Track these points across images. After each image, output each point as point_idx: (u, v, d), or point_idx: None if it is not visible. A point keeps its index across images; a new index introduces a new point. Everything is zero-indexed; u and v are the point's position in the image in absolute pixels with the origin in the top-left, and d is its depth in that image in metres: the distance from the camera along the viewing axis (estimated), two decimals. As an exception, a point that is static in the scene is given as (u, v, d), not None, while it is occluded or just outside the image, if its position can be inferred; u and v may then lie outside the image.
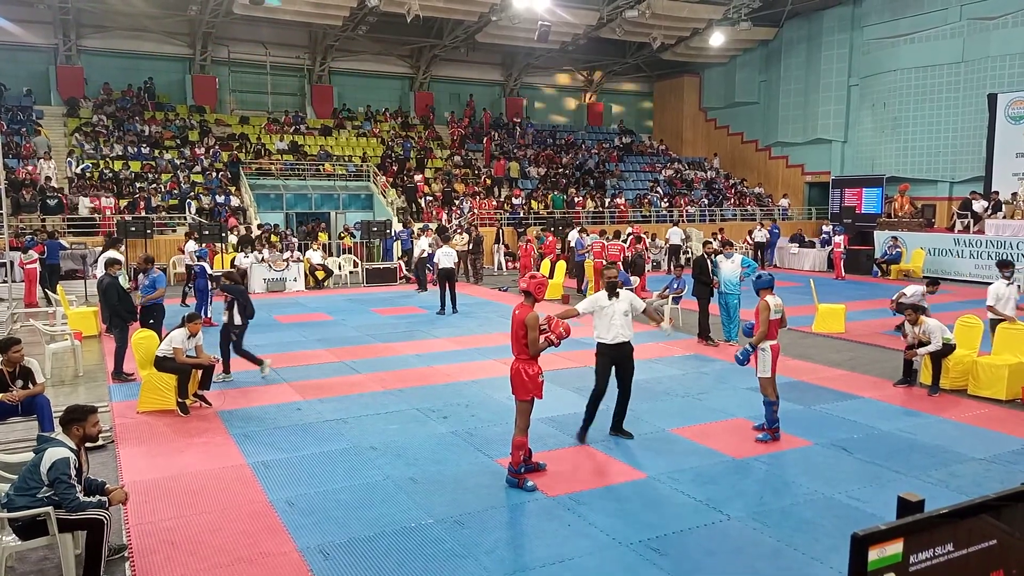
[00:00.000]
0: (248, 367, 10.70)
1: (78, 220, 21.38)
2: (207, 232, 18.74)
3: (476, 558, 5.17)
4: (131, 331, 9.88)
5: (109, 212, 21.58)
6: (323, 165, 27.65)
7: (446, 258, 16.08)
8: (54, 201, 21.41)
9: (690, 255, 23.05)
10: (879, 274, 22.88)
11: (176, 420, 8.34)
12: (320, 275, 20.25)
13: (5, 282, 16.14)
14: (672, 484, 6.48)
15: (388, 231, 22.66)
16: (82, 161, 24.00)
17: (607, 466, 6.94)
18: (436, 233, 20.00)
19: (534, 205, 28.46)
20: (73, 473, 4.77)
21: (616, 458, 7.12)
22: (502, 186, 29.56)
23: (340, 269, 21.52)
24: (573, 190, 30.03)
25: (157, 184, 24.14)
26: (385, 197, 26.65)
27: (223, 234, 20.01)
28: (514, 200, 28.06)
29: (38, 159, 23.01)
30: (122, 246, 15.95)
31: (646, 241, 22.28)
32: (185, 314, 9.12)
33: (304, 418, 8.40)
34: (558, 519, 5.78)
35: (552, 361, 9.81)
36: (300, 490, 6.35)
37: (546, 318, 6.43)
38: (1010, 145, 24.62)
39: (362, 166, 28.16)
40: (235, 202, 24.39)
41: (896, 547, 1.96)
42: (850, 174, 30.07)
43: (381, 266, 21.76)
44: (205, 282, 14.56)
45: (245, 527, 5.66)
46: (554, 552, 5.26)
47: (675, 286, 13.87)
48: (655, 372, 10.35)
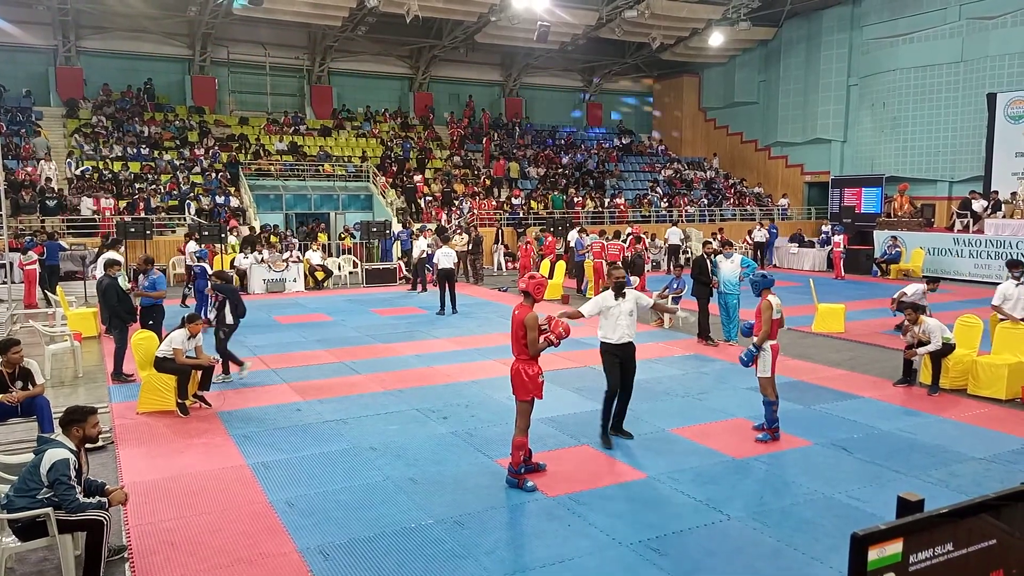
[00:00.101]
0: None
1: (78, 221, 21.39)
2: (207, 233, 18.74)
3: (476, 558, 5.17)
4: (130, 332, 9.89)
5: (109, 213, 21.58)
6: (322, 166, 27.65)
7: (445, 258, 16.08)
8: (53, 202, 21.42)
9: (690, 255, 23.06)
10: (879, 274, 22.88)
11: (176, 421, 8.33)
12: (320, 276, 20.25)
13: (5, 283, 16.14)
14: (672, 484, 6.48)
15: (387, 232, 22.66)
16: (82, 163, 24.00)
17: (607, 466, 6.93)
18: (435, 233, 20.00)
19: (534, 205, 28.46)
20: (73, 474, 4.77)
21: (616, 458, 7.12)
22: (502, 186, 29.56)
23: (340, 270, 21.53)
24: (573, 190, 30.04)
25: (156, 185, 24.14)
26: (385, 198, 26.65)
27: (223, 235, 20.01)
28: (514, 200, 28.07)
29: (38, 160, 23.01)
30: (121, 247, 15.93)
31: (646, 241, 22.28)
32: (185, 315, 9.12)
33: (304, 419, 8.40)
34: (558, 519, 5.78)
35: (552, 361, 9.81)
36: (300, 491, 6.35)
37: (546, 318, 6.43)
38: (1009, 144, 24.62)
39: (361, 167, 28.17)
40: (234, 203, 24.39)
41: (896, 547, 1.96)
42: (849, 174, 30.09)
43: (381, 267, 21.77)
44: (205, 283, 14.54)
45: (245, 528, 5.66)
46: (554, 552, 5.26)
47: (675, 286, 13.87)
48: (655, 372, 10.34)
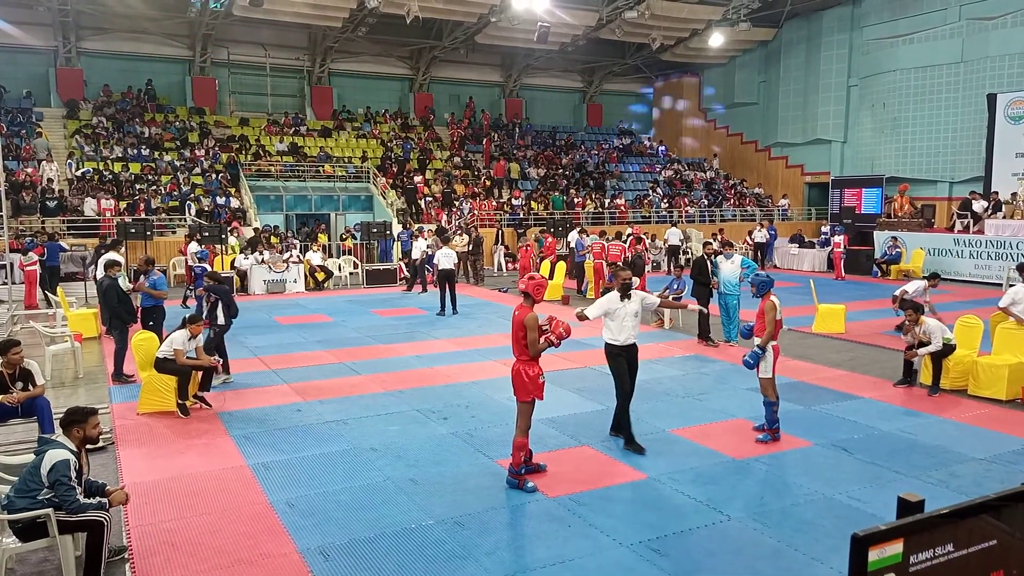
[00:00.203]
0: (247, 368, 10.73)
1: (78, 222, 21.39)
2: (207, 234, 18.75)
3: (476, 559, 5.17)
4: (131, 333, 9.89)
5: (109, 214, 21.59)
6: (323, 166, 27.65)
7: (446, 259, 16.09)
8: (54, 203, 21.42)
9: (690, 256, 23.05)
10: (879, 274, 22.88)
11: (176, 421, 8.33)
12: (320, 276, 20.26)
13: (5, 284, 16.14)
14: (672, 485, 6.48)
15: (388, 232, 22.65)
16: (82, 164, 24.01)
17: (607, 467, 6.93)
18: (436, 234, 20.00)
19: (534, 206, 28.47)
20: (73, 475, 4.77)
21: (616, 459, 7.12)
22: (502, 187, 29.56)
23: (340, 270, 21.53)
24: (573, 191, 30.05)
25: (157, 186, 24.15)
26: (385, 198, 26.66)
27: (223, 236, 20.01)
28: (514, 201, 28.07)
29: (39, 161, 23.03)
30: (122, 247, 15.93)
31: (646, 242, 22.27)
32: (186, 315, 9.14)
33: (304, 419, 8.40)
34: (558, 520, 5.78)
35: (552, 362, 9.81)
36: (300, 491, 6.35)
37: (547, 318, 6.43)
38: (1009, 145, 24.62)
39: (362, 167, 28.17)
40: (235, 204, 24.39)
41: (896, 547, 1.96)
42: (850, 174, 30.07)
43: (381, 267, 21.76)
44: (208, 284, 14.54)
45: (245, 528, 5.66)
46: (554, 553, 5.26)
47: (675, 287, 13.85)
48: (655, 372, 10.34)
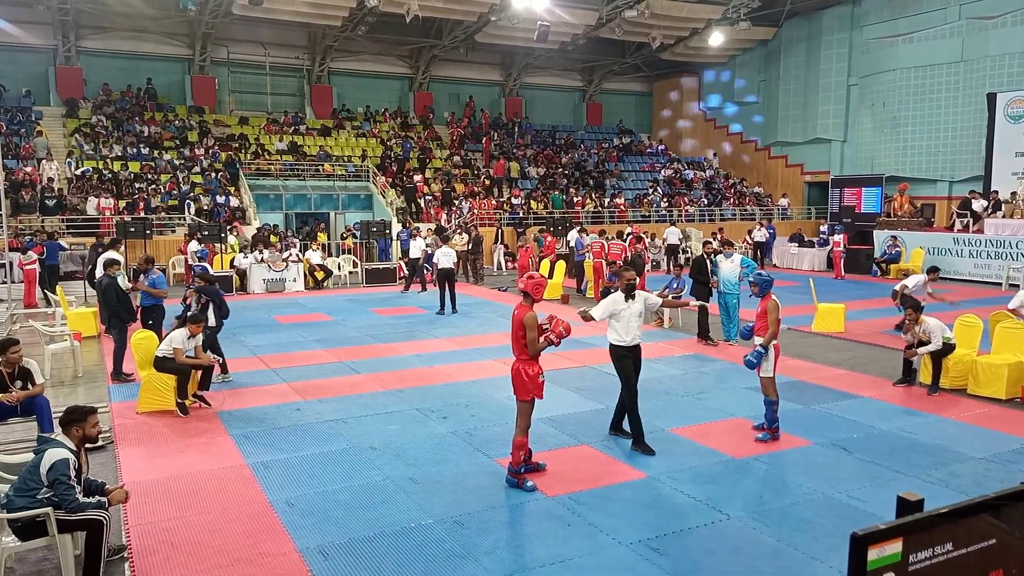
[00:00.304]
0: (247, 367, 10.72)
1: (77, 221, 21.38)
2: (207, 233, 18.74)
3: (476, 558, 5.17)
4: (130, 332, 9.89)
5: (108, 213, 21.58)
6: (322, 165, 27.64)
7: (445, 258, 16.08)
8: (53, 202, 21.40)
9: (689, 255, 23.05)
10: (878, 273, 22.87)
11: (175, 421, 8.33)
12: (319, 275, 20.25)
13: (4, 283, 16.14)
14: (672, 484, 6.48)
15: (387, 231, 22.63)
16: (81, 163, 23.99)
17: (607, 466, 6.93)
18: (435, 233, 19.99)
19: (534, 205, 28.46)
20: (73, 474, 4.77)
21: (616, 458, 7.12)
22: (502, 186, 29.56)
23: (340, 269, 21.52)
24: (573, 190, 30.04)
25: (156, 185, 24.13)
26: (384, 197, 26.64)
27: (222, 234, 20.00)
28: (513, 200, 28.06)
29: (39, 160, 23.01)
30: (121, 246, 15.93)
31: (646, 241, 22.27)
32: (187, 314, 9.13)
33: (304, 418, 8.40)
34: (558, 519, 5.78)
35: (552, 361, 9.81)
36: (300, 490, 6.35)
37: (547, 317, 6.43)
38: (1009, 144, 24.61)
39: (361, 166, 28.16)
40: (234, 202, 24.37)
41: (895, 546, 1.96)
42: (849, 173, 30.07)
43: (380, 266, 21.75)
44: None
45: (245, 527, 5.66)
46: (554, 552, 5.26)
47: (674, 286, 13.85)
48: (655, 372, 10.33)
